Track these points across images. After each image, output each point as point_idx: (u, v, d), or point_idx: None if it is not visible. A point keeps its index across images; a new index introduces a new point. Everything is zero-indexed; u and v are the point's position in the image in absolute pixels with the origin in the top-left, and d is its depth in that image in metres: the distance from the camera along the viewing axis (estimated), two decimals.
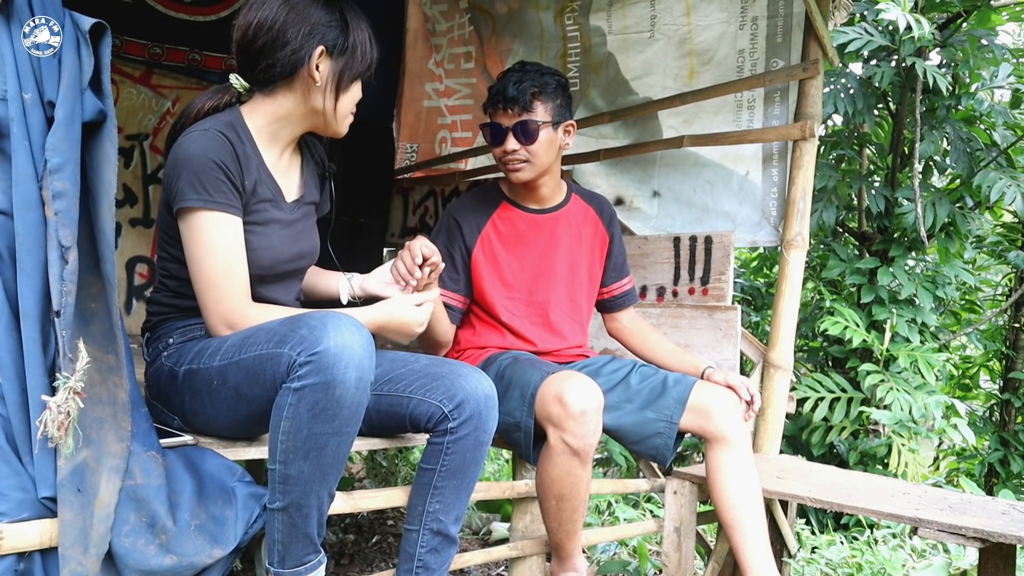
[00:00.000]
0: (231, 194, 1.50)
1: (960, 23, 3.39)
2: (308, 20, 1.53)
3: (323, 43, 1.54)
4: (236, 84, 1.60)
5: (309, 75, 1.54)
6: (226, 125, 1.54)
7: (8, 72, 1.23)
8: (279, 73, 1.54)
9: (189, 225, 1.48)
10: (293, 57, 1.52)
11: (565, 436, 1.75)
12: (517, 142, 1.99)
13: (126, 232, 3.52)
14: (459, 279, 2.10)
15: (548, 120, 2.00)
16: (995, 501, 2.04)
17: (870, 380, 3.11)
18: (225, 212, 1.49)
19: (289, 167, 1.68)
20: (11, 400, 1.22)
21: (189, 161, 1.47)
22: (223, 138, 1.51)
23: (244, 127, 1.57)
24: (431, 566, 1.61)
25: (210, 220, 1.47)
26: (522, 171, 2.03)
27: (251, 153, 1.56)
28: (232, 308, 1.48)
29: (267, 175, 1.60)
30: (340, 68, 1.57)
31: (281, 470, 1.36)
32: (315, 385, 1.30)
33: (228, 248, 1.49)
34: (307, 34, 1.52)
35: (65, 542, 1.21)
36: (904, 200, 3.43)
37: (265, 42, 1.52)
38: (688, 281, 2.67)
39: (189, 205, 1.46)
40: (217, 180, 1.48)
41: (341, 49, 1.56)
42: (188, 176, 1.46)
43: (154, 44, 3.58)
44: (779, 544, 2.35)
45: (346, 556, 2.64)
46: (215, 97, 1.62)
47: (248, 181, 1.54)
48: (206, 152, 1.47)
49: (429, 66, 3.78)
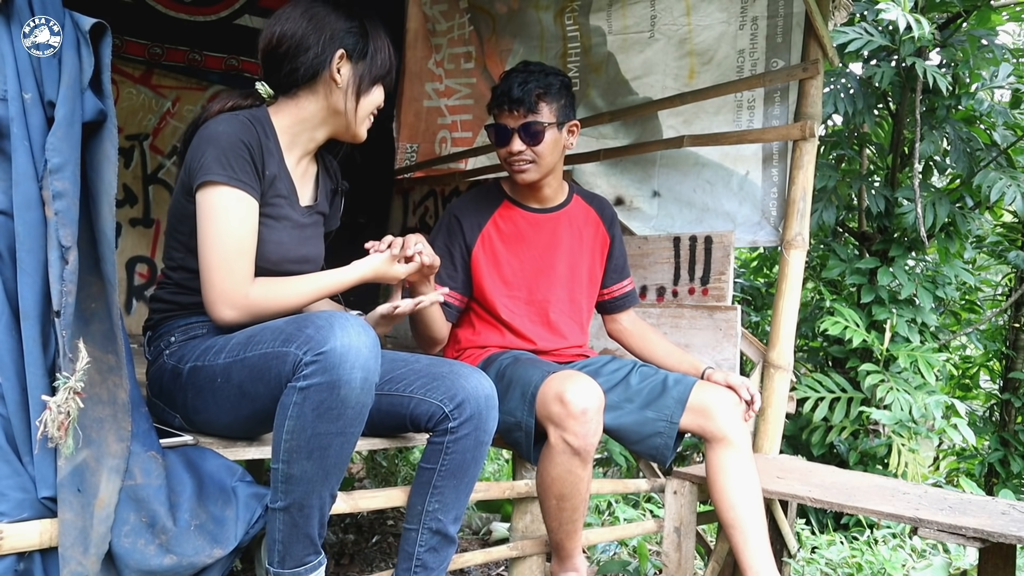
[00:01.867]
0: (253, 176, 1.53)
1: (960, 23, 3.39)
2: (329, 26, 1.60)
3: (344, 47, 1.60)
4: (261, 91, 1.66)
5: (331, 77, 1.60)
6: (254, 117, 1.59)
7: (8, 72, 1.23)
8: (302, 76, 1.60)
9: (208, 199, 1.50)
10: (315, 61, 1.59)
11: (566, 435, 1.75)
12: (523, 143, 1.99)
13: (126, 232, 3.52)
14: (457, 277, 2.10)
15: (553, 121, 2.00)
16: (995, 501, 2.04)
17: (870, 380, 3.11)
18: (246, 192, 1.52)
19: (306, 174, 1.72)
20: (11, 400, 1.22)
21: (218, 139, 1.50)
22: (251, 125, 1.56)
23: (270, 124, 1.62)
24: (430, 565, 1.61)
25: (231, 196, 1.50)
26: (528, 172, 2.04)
27: (274, 149, 1.61)
28: (237, 287, 1.50)
29: (286, 173, 1.64)
30: (361, 71, 1.63)
31: (284, 469, 1.36)
32: (320, 385, 1.31)
33: (242, 227, 1.51)
34: (328, 39, 1.60)
35: (65, 542, 1.21)
36: (904, 200, 3.43)
37: (288, 47, 1.59)
38: (688, 281, 2.67)
39: (213, 179, 1.48)
40: (243, 159, 1.51)
41: (361, 53, 1.63)
42: (215, 152, 1.49)
43: (154, 44, 3.58)
44: (779, 544, 2.35)
45: (346, 556, 2.64)
46: (239, 99, 1.66)
47: (269, 171, 1.58)
48: (235, 132, 1.52)
49: (429, 66, 3.78)
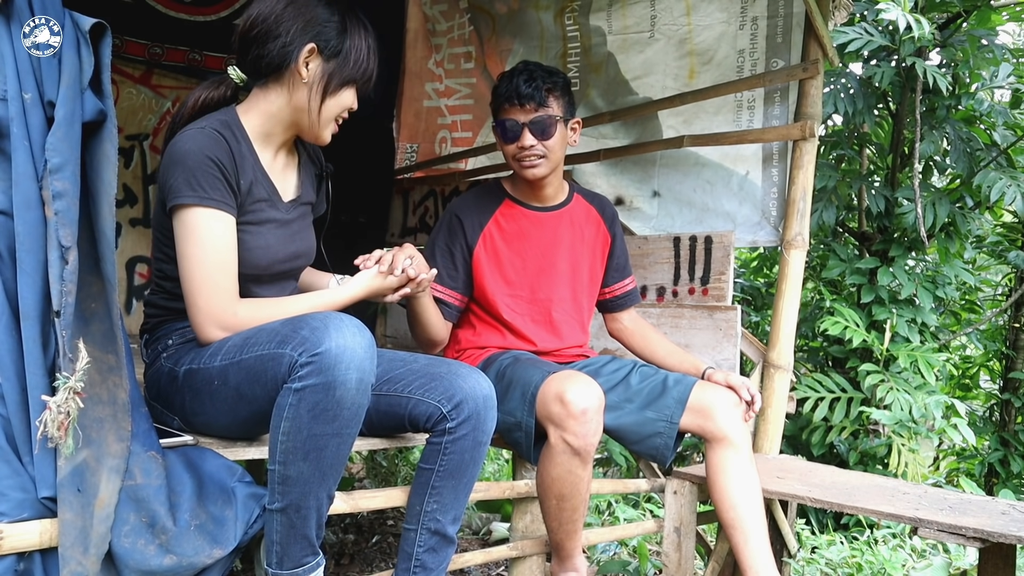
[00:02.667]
0: (226, 192, 1.50)
1: (960, 23, 3.39)
2: (304, 16, 1.53)
3: (315, 41, 1.54)
4: (233, 75, 1.61)
5: (297, 70, 1.54)
6: (222, 124, 1.54)
7: (8, 72, 1.23)
8: (268, 64, 1.54)
9: (183, 222, 1.48)
10: (283, 50, 1.53)
11: (566, 435, 1.75)
12: (534, 137, 1.99)
13: (126, 232, 3.53)
14: (458, 277, 2.10)
15: (561, 115, 2.02)
16: (995, 501, 2.04)
17: (870, 380, 3.11)
18: (219, 210, 1.48)
19: (285, 167, 1.68)
20: (11, 400, 1.22)
21: (185, 158, 1.46)
22: (219, 136, 1.50)
23: (240, 127, 1.57)
24: (429, 566, 1.61)
25: (204, 217, 1.47)
26: (539, 167, 2.03)
27: (247, 153, 1.56)
28: (223, 307, 1.48)
29: (263, 175, 1.60)
30: (331, 70, 1.56)
31: (280, 471, 1.36)
32: (316, 386, 1.30)
33: (221, 246, 1.48)
34: (300, 30, 1.53)
35: (65, 542, 1.21)
36: (904, 200, 3.43)
37: (259, 32, 1.53)
38: (688, 281, 2.67)
39: (184, 202, 1.46)
40: (213, 178, 1.47)
41: (334, 51, 1.56)
42: (183, 173, 1.46)
43: (154, 44, 3.58)
44: (779, 544, 2.35)
45: (346, 556, 2.64)
46: (212, 88, 1.62)
47: (243, 181, 1.54)
48: (202, 149, 1.47)
49: (429, 66, 3.78)
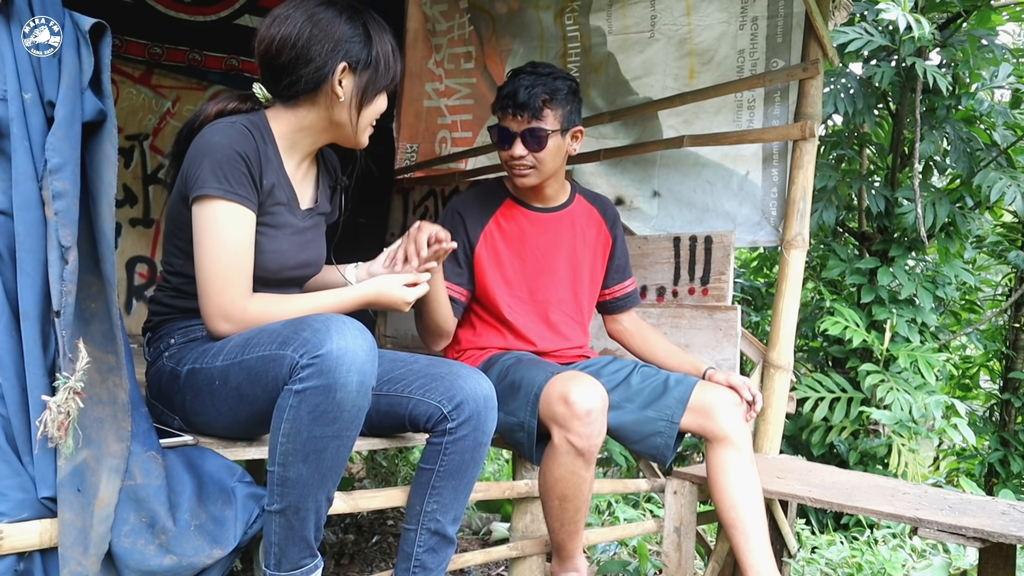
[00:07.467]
0: (250, 188, 1.50)
1: (960, 23, 3.39)
2: (332, 36, 1.53)
3: (346, 59, 1.54)
4: (259, 94, 1.62)
5: (332, 91, 1.55)
6: (252, 123, 1.54)
7: (8, 72, 1.23)
8: (303, 89, 1.55)
9: (204, 213, 1.48)
10: (316, 74, 1.53)
11: (570, 436, 1.75)
12: (525, 148, 1.98)
13: (126, 232, 3.53)
14: (462, 273, 2.10)
15: (557, 128, 1.98)
16: (995, 501, 2.04)
17: (870, 380, 3.11)
18: (242, 205, 1.49)
19: (306, 176, 1.69)
20: (11, 400, 1.22)
21: (214, 150, 1.47)
22: (248, 133, 1.51)
23: (269, 130, 1.58)
24: (428, 566, 1.61)
25: (227, 210, 1.47)
26: (528, 177, 2.02)
27: (272, 156, 1.57)
28: (233, 301, 1.48)
29: (285, 180, 1.61)
30: (364, 82, 1.57)
31: (280, 472, 1.35)
32: (316, 388, 1.30)
33: (239, 241, 1.49)
34: (330, 51, 1.52)
35: (65, 542, 1.21)
36: (904, 200, 3.43)
37: (289, 59, 1.52)
38: (688, 281, 2.67)
39: (208, 193, 1.46)
40: (239, 172, 1.48)
41: (365, 64, 1.56)
42: (211, 164, 1.46)
43: (154, 44, 3.58)
44: (779, 544, 2.35)
45: (346, 556, 2.64)
46: (236, 101, 1.63)
47: (267, 181, 1.55)
48: (231, 143, 1.48)
49: (429, 66, 3.78)
